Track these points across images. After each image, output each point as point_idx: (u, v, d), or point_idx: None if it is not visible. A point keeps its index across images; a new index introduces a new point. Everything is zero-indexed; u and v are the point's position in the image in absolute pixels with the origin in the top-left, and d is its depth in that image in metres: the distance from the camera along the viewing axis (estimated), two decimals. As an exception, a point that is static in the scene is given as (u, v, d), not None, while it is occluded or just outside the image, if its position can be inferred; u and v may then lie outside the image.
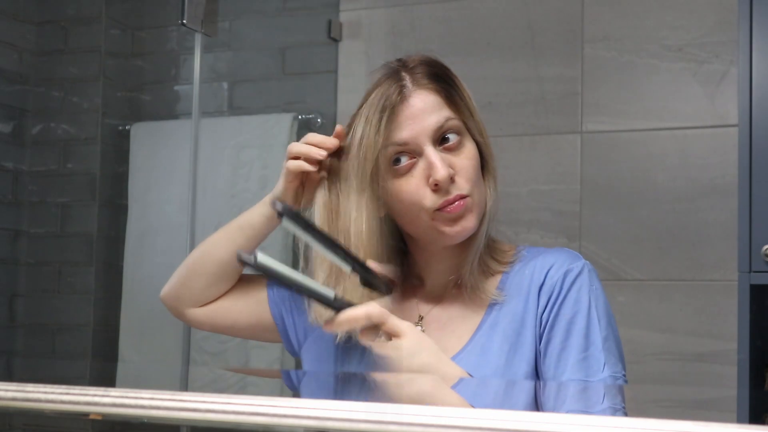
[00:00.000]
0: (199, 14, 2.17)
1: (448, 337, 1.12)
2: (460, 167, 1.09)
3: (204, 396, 0.58)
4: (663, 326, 2.12)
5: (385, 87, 1.10)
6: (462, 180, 1.09)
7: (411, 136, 1.08)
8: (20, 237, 2.69)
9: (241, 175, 2.49)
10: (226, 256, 1.20)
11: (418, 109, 1.09)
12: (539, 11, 2.29)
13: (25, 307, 2.69)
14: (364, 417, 0.54)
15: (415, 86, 1.10)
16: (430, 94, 1.10)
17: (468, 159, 1.10)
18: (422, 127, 1.08)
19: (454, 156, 1.10)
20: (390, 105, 1.08)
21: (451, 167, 1.08)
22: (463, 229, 1.09)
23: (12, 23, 2.68)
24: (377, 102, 1.09)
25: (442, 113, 1.10)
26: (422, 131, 1.08)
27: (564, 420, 0.50)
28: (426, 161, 1.08)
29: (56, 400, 0.61)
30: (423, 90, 1.10)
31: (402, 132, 1.08)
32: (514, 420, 0.51)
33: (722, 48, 2.12)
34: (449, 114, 1.10)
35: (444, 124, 1.09)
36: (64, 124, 2.68)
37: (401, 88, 1.10)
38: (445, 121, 1.09)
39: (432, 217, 1.08)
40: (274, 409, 0.56)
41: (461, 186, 1.08)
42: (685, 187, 2.13)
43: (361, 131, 1.09)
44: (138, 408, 0.59)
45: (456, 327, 1.13)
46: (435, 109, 1.10)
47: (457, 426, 0.51)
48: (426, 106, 1.09)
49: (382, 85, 1.11)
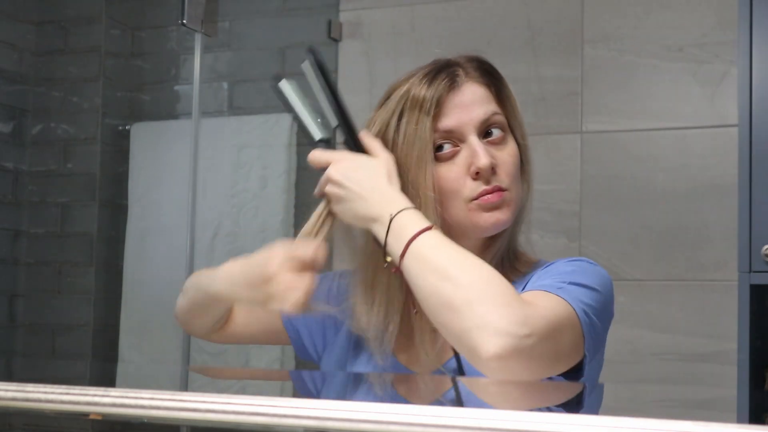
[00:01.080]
0: (199, 14, 2.17)
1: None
2: (502, 161, 1.10)
3: (204, 396, 0.58)
4: (663, 326, 2.12)
5: (432, 76, 1.11)
6: (502, 173, 1.09)
7: (457, 125, 1.09)
8: (20, 237, 2.69)
9: (241, 175, 2.49)
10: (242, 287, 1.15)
11: (468, 100, 1.10)
12: (539, 11, 2.29)
13: (25, 307, 2.69)
14: (364, 417, 0.54)
15: (466, 77, 1.11)
16: (480, 87, 1.12)
17: (510, 155, 1.11)
18: (469, 117, 1.09)
19: (497, 150, 1.10)
20: (440, 92, 1.09)
21: (493, 159, 1.09)
22: (497, 220, 1.08)
23: (12, 23, 2.68)
24: (424, 89, 1.10)
25: (490, 107, 1.11)
26: (469, 121, 1.09)
27: (564, 420, 0.50)
28: (469, 149, 1.08)
29: (56, 400, 0.61)
30: (474, 82, 1.12)
31: (449, 119, 1.09)
32: (514, 420, 0.51)
33: (722, 48, 2.12)
34: (496, 109, 1.11)
35: (490, 118, 1.10)
36: (64, 124, 2.68)
37: (453, 77, 1.10)
38: (492, 115, 1.10)
39: (468, 207, 1.08)
40: (274, 409, 0.56)
41: (501, 179, 1.09)
42: (685, 187, 2.13)
43: (406, 116, 1.10)
44: (138, 408, 0.59)
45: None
46: (483, 101, 1.11)
47: (457, 426, 0.51)
48: (475, 97, 1.10)
49: (429, 74, 1.11)
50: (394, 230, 0.99)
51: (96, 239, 2.62)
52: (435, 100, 1.08)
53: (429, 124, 1.08)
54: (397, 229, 0.99)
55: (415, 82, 1.11)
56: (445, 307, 0.93)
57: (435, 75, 1.11)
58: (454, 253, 0.97)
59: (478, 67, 1.13)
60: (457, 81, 1.10)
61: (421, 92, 1.09)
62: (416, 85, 1.10)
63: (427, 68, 1.13)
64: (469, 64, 1.13)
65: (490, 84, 1.13)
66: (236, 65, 2.65)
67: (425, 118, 1.08)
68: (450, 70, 1.11)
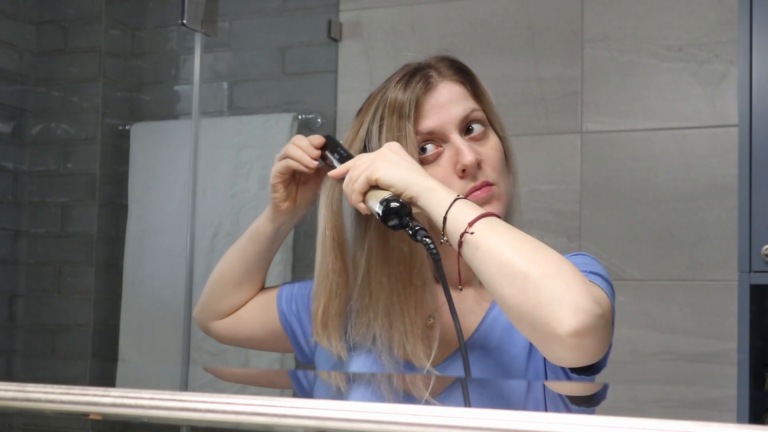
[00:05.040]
0: (199, 14, 2.17)
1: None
2: (486, 156, 1.10)
3: (204, 396, 0.58)
4: (663, 326, 2.12)
5: (406, 80, 1.11)
6: (488, 168, 1.10)
7: (438, 125, 1.09)
8: (20, 237, 2.69)
9: (241, 175, 2.49)
10: (240, 265, 1.23)
11: (445, 99, 1.10)
12: (539, 11, 2.29)
13: (25, 307, 2.69)
14: (364, 417, 0.54)
15: (440, 77, 1.12)
16: (455, 85, 1.12)
17: (493, 149, 1.12)
18: (449, 116, 1.09)
19: (480, 146, 1.11)
20: (416, 95, 1.09)
21: (477, 155, 1.09)
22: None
23: (12, 23, 2.68)
24: (400, 94, 1.10)
25: (468, 104, 1.11)
26: (449, 120, 1.09)
27: (564, 420, 0.50)
28: (453, 148, 1.09)
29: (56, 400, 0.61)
30: (448, 81, 1.12)
31: (429, 120, 1.09)
32: (514, 420, 0.51)
33: (722, 48, 2.12)
34: (474, 105, 1.12)
35: (470, 114, 1.11)
36: (64, 124, 2.68)
37: (428, 78, 1.11)
38: (471, 111, 1.11)
39: None
40: (274, 409, 0.56)
41: (487, 173, 1.09)
42: (685, 187, 2.13)
43: (385, 123, 1.10)
44: (138, 408, 0.59)
45: (464, 319, 1.13)
46: (461, 99, 1.11)
47: (457, 426, 0.51)
48: (452, 96, 1.11)
49: (403, 79, 1.11)
50: (459, 205, 0.97)
51: (96, 239, 2.62)
52: (413, 103, 1.09)
53: (410, 128, 1.08)
54: (464, 206, 0.97)
55: (390, 87, 1.11)
56: (519, 279, 0.90)
57: (409, 79, 1.11)
58: (523, 234, 0.96)
59: (450, 65, 1.14)
60: (431, 82, 1.11)
61: (398, 97, 1.09)
62: (392, 91, 1.11)
63: (400, 73, 1.13)
64: (441, 64, 1.14)
65: (465, 81, 1.13)
66: (236, 65, 2.65)
67: (405, 122, 1.08)
68: (423, 72, 1.12)
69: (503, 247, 0.93)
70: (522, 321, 0.92)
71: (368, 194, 1.03)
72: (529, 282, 0.90)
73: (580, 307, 0.87)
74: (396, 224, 1.00)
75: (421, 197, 0.99)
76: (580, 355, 0.89)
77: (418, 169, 1.02)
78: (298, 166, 1.14)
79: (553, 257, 0.92)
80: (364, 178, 1.02)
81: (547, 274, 0.90)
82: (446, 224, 0.97)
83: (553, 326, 0.87)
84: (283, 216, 1.19)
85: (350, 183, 1.04)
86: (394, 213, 1.00)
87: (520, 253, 0.92)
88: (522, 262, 0.91)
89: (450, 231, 0.96)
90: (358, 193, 1.03)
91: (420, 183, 1.00)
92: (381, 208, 1.00)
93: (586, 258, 1.09)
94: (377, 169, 1.01)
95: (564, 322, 0.87)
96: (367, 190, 1.03)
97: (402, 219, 1.00)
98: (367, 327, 1.11)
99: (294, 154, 1.14)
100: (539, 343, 0.92)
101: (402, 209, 1.00)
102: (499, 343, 1.10)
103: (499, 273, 0.92)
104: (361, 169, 1.03)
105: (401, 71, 1.14)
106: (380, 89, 1.13)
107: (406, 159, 1.03)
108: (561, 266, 0.91)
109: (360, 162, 1.05)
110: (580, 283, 0.90)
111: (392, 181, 1.00)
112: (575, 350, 0.88)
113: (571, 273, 0.91)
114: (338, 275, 1.11)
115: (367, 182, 1.02)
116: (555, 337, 0.88)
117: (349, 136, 1.15)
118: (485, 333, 1.12)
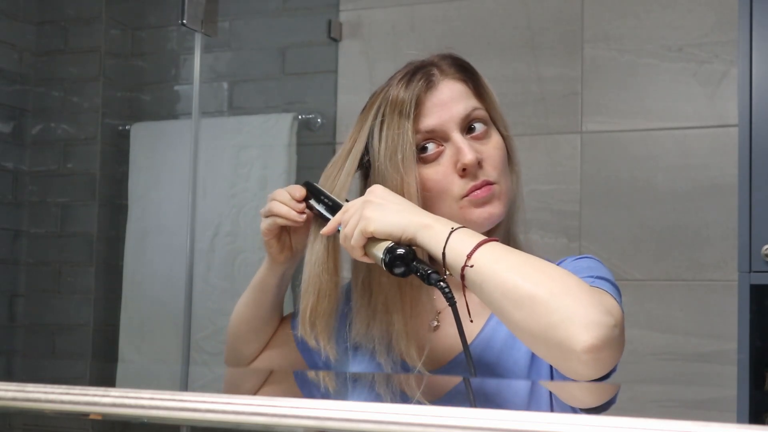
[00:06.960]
0: (199, 14, 2.17)
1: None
2: (488, 155, 1.10)
3: (204, 396, 0.58)
4: (663, 326, 2.12)
5: (408, 78, 1.10)
6: (489, 167, 1.09)
7: (438, 123, 1.09)
8: (20, 237, 2.69)
9: (241, 175, 2.49)
10: (254, 315, 1.22)
11: (446, 97, 1.10)
12: (539, 11, 2.29)
13: (25, 307, 2.69)
14: (364, 417, 0.54)
15: (442, 76, 1.11)
16: (457, 83, 1.12)
17: (495, 148, 1.11)
18: (450, 115, 1.09)
19: (481, 144, 1.10)
20: (417, 93, 1.08)
21: (478, 153, 1.08)
22: (490, 214, 1.08)
23: (12, 23, 2.68)
24: (402, 92, 1.09)
25: (470, 102, 1.11)
26: (450, 118, 1.09)
27: (564, 420, 0.50)
28: (454, 147, 1.08)
29: (56, 400, 0.61)
30: (450, 79, 1.12)
31: (429, 119, 1.09)
32: (514, 420, 0.51)
33: (722, 48, 2.12)
34: (476, 104, 1.11)
35: (471, 113, 1.10)
36: (64, 124, 2.68)
37: (429, 77, 1.10)
38: (473, 110, 1.10)
39: (459, 205, 1.08)
40: (274, 409, 0.56)
41: (488, 172, 1.09)
42: (685, 187, 2.13)
43: (386, 121, 1.09)
44: (138, 408, 0.59)
45: (467, 323, 1.12)
46: (462, 97, 1.11)
47: (457, 426, 0.51)
48: (453, 94, 1.10)
49: (405, 77, 1.11)
50: (456, 238, 0.96)
51: (96, 239, 2.62)
52: (413, 101, 1.08)
53: (410, 127, 1.07)
54: (461, 236, 0.96)
55: (393, 85, 1.11)
56: (526, 303, 0.89)
57: (411, 77, 1.10)
58: (524, 255, 0.96)
59: (453, 63, 1.13)
60: (433, 80, 1.10)
61: (399, 95, 1.09)
62: (394, 89, 1.10)
63: (403, 71, 1.13)
64: (443, 62, 1.13)
65: (467, 80, 1.13)
66: (236, 65, 2.65)
67: (405, 121, 1.08)
68: (425, 70, 1.11)
69: (506, 274, 0.92)
70: (537, 344, 0.91)
71: (368, 245, 1.02)
72: (537, 304, 0.88)
73: (592, 322, 0.86)
74: (404, 271, 1.00)
75: (418, 237, 0.98)
76: (598, 369, 0.88)
77: (407, 207, 1.01)
78: (287, 222, 1.12)
79: (558, 274, 0.92)
80: (359, 234, 1.01)
81: (554, 293, 0.89)
82: (446, 260, 0.96)
83: (567, 345, 0.86)
84: (283, 265, 1.18)
85: (346, 240, 1.03)
86: (400, 260, 0.99)
87: (524, 276, 0.91)
88: (527, 285, 0.90)
89: (451, 265, 0.96)
90: (359, 248, 1.02)
91: (413, 222, 0.99)
92: (384, 260, 0.99)
93: (591, 261, 1.09)
94: (369, 223, 1.00)
95: (578, 339, 0.86)
96: (365, 242, 1.02)
97: (409, 265, 0.99)
98: (366, 327, 1.11)
99: (279, 211, 1.12)
100: (557, 362, 0.91)
101: (407, 255, 0.99)
102: (502, 347, 1.10)
103: (506, 299, 0.91)
104: (353, 223, 1.02)
105: (404, 69, 1.13)
106: (383, 87, 1.13)
107: (392, 200, 1.02)
108: (567, 283, 0.90)
109: (349, 215, 1.03)
110: (588, 296, 0.89)
111: (387, 230, 0.99)
112: (593, 365, 0.87)
113: (577, 288, 0.90)
114: (330, 275, 1.11)
115: (362, 237, 1.01)
116: (572, 355, 0.87)
117: (352, 133, 1.14)
118: (488, 337, 1.11)
